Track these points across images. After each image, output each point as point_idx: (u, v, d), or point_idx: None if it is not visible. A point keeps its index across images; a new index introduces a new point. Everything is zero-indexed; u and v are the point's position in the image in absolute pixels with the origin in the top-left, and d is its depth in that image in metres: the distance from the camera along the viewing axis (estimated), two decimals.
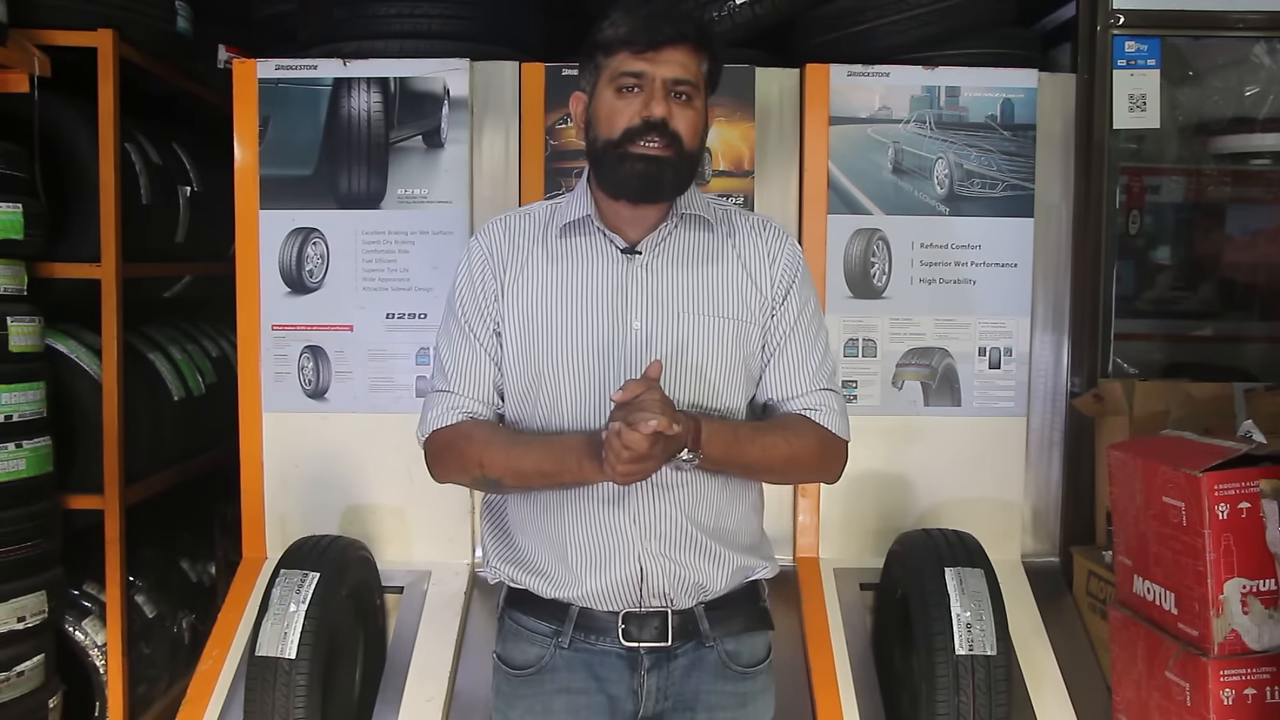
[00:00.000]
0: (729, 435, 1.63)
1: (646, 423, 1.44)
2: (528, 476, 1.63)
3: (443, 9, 2.88)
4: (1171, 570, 2.21)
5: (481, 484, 1.69)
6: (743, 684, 1.73)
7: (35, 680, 2.70)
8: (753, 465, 1.66)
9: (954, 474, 2.91)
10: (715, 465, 1.61)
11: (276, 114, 2.85)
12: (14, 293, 2.68)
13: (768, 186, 2.91)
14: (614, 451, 1.47)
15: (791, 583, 2.84)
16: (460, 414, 1.69)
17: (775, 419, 1.72)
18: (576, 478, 1.59)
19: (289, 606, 2.42)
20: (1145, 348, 3.42)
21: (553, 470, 1.60)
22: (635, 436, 1.45)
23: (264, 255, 2.86)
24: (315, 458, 2.88)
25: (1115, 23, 2.92)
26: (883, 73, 2.87)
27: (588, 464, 1.55)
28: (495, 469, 1.63)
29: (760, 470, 1.69)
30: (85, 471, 2.90)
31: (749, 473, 1.70)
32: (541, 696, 1.70)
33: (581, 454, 1.56)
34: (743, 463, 1.65)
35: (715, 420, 1.63)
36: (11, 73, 2.78)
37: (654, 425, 1.44)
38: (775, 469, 1.69)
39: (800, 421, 1.70)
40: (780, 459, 1.67)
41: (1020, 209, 2.89)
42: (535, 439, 1.67)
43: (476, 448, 1.65)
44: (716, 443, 1.58)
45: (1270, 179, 3.65)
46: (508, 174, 2.91)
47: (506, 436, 1.69)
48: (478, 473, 1.65)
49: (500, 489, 1.70)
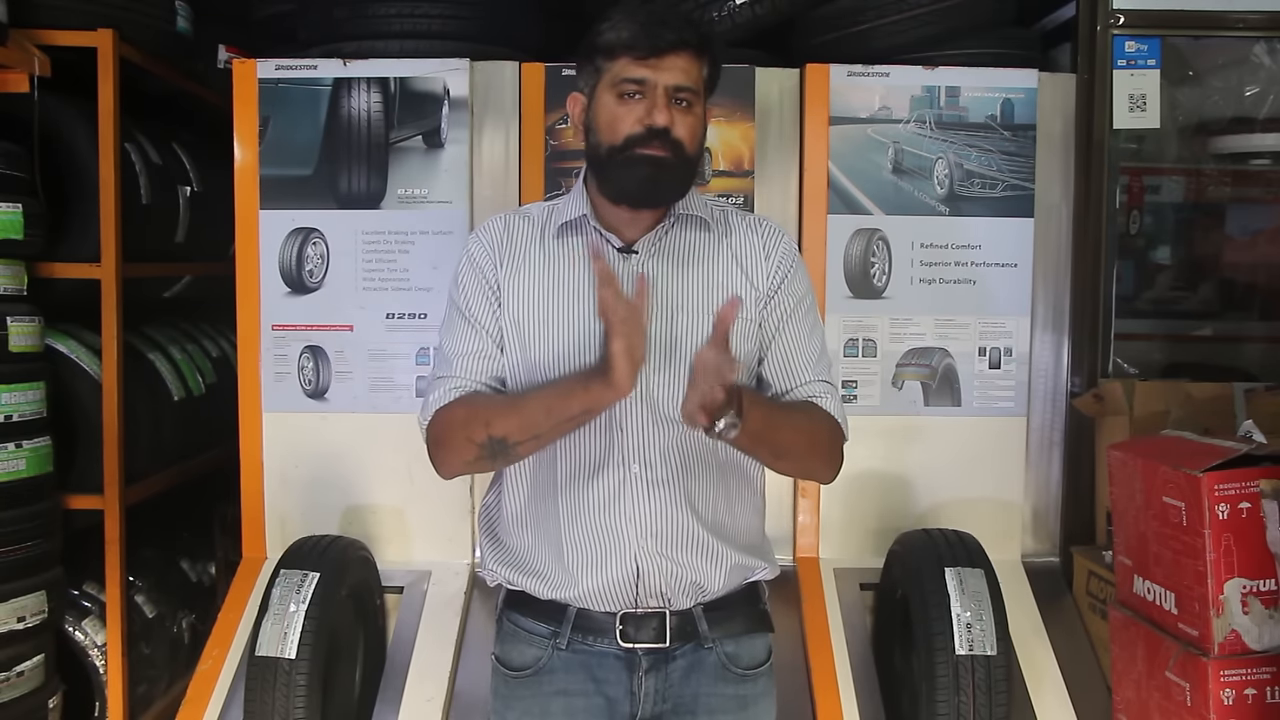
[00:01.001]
0: (767, 406, 1.62)
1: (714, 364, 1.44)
2: (535, 422, 1.58)
3: (443, 9, 2.88)
4: (1171, 570, 2.21)
5: (489, 450, 1.61)
6: (743, 687, 1.72)
7: (35, 680, 2.70)
8: (782, 442, 1.64)
9: (954, 474, 2.91)
10: (752, 437, 1.55)
11: (276, 114, 2.85)
12: (14, 293, 2.68)
13: (768, 186, 2.91)
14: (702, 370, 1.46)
15: (791, 583, 2.83)
16: (461, 393, 1.67)
17: (793, 402, 1.70)
18: (582, 402, 1.54)
19: (289, 606, 2.42)
20: (1145, 348, 3.42)
21: (558, 403, 1.56)
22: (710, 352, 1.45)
23: (264, 255, 2.86)
24: (315, 458, 2.88)
25: (1115, 23, 2.92)
26: (883, 73, 2.87)
27: (592, 384, 1.52)
28: (501, 425, 1.59)
29: (783, 450, 1.66)
30: (85, 471, 2.90)
31: (776, 451, 1.66)
32: (539, 698, 1.70)
33: (586, 376, 1.54)
34: (774, 439, 1.62)
35: (753, 390, 1.61)
36: (11, 73, 2.78)
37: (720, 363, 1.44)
38: (796, 451, 1.67)
39: (814, 407, 1.69)
40: (805, 440, 1.66)
41: (1020, 209, 2.89)
42: (536, 387, 1.64)
43: (480, 412, 1.62)
44: (756, 411, 1.55)
45: (1270, 179, 3.65)
46: (508, 174, 2.91)
47: (508, 395, 1.67)
48: (483, 435, 1.59)
49: (508, 452, 1.61)
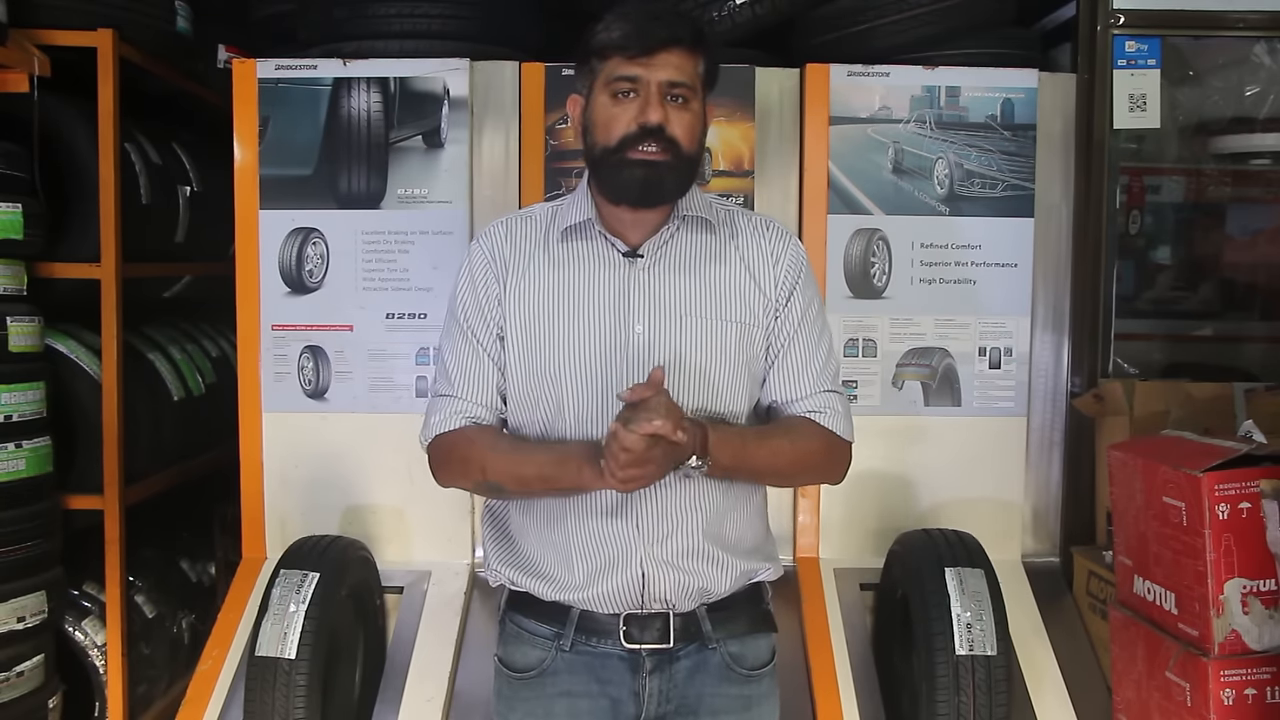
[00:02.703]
0: (736, 442, 1.62)
1: (650, 422, 1.43)
2: (529, 482, 1.63)
3: (443, 9, 2.88)
4: (1172, 570, 2.21)
5: (484, 489, 1.69)
6: (747, 687, 1.72)
7: (35, 680, 2.70)
8: (760, 470, 1.67)
9: (954, 474, 2.91)
10: (723, 472, 1.60)
11: (276, 114, 2.84)
12: (14, 293, 2.68)
13: (768, 186, 2.91)
14: (612, 454, 1.46)
15: (792, 583, 2.83)
16: (463, 419, 1.69)
17: (780, 422, 1.71)
18: (576, 484, 1.58)
19: (289, 606, 2.42)
20: (1145, 348, 3.42)
21: (553, 476, 1.60)
22: (632, 438, 1.44)
23: (264, 255, 2.85)
24: (315, 458, 2.88)
25: (1115, 23, 2.92)
26: (883, 73, 2.87)
27: (587, 470, 1.54)
28: (497, 474, 1.63)
29: (767, 475, 1.70)
30: (85, 471, 2.90)
31: (756, 478, 1.70)
32: (543, 699, 1.70)
33: (581, 460, 1.56)
34: (750, 468, 1.65)
35: (722, 426, 1.62)
36: (11, 73, 2.77)
37: (656, 425, 1.43)
38: (782, 473, 1.70)
39: (805, 424, 1.69)
40: (786, 463, 1.67)
41: (1020, 209, 2.89)
42: (537, 446, 1.66)
43: (479, 453, 1.65)
44: (724, 450, 1.57)
45: (1270, 179, 3.65)
46: (508, 174, 2.91)
47: (509, 443, 1.69)
48: (479, 478, 1.65)
49: (502, 494, 1.69)
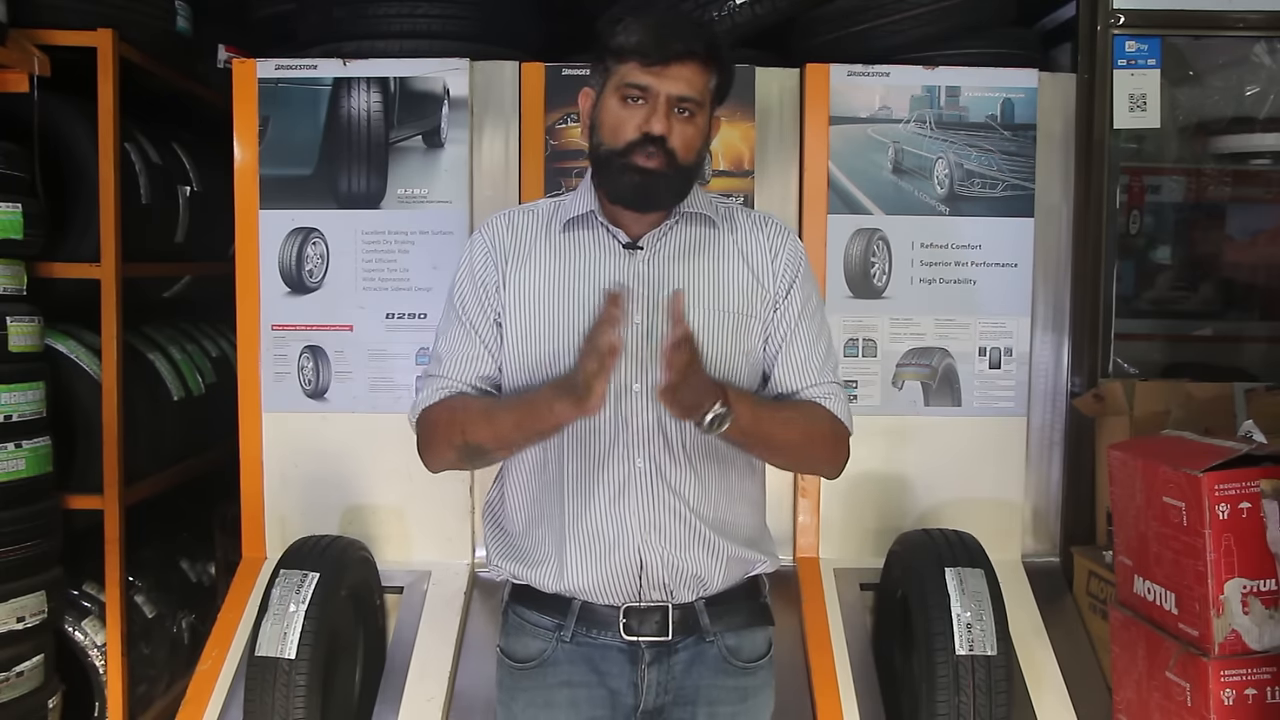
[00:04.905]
0: (753, 401, 1.64)
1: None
2: (506, 434, 1.62)
3: (443, 9, 2.88)
4: (1172, 570, 2.21)
5: (467, 455, 1.67)
6: (743, 679, 1.74)
7: (35, 680, 2.70)
8: (774, 438, 1.67)
9: (954, 474, 2.91)
10: (741, 433, 1.59)
11: (276, 114, 2.85)
12: (14, 293, 2.68)
13: (768, 186, 2.91)
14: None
15: (792, 582, 2.83)
16: (446, 393, 1.70)
17: (790, 400, 1.72)
18: (548, 420, 1.55)
19: (289, 606, 2.42)
20: (1145, 348, 3.42)
21: (526, 419, 1.58)
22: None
23: (264, 255, 2.86)
24: (315, 458, 2.88)
25: (1115, 22, 2.92)
26: (883, 73, 2.87)
27: (558, 404, 1.52)
28: (476, 434, 1.63)
29: (779, 447, 1.69)
30: (85, 471, 2.90)
31: (769, 448, 1.69)
32: (543, 689, 1.72)
33: (551, 395, 1.54)
34: (766, 434, 1.64)
35: (737, 389, 1.63)
36: (11, 73, 2.77)
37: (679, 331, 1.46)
38: (793, 445, 1.69)
39: (814, 405, 1.72)
40: (798, 434, 1.68)
41: (1020, 209, 2.89)
42: (509, 397, 1.68)
43: (459, 418, 1.66)
44: (743, 406, 1.57)
45: (1270, 179, 3.65)
46: (508, 174, 2.91)
47: (483, 402, 1.69)
48: (460, 440, 1.64)
49: (485, 457, 1.68)
